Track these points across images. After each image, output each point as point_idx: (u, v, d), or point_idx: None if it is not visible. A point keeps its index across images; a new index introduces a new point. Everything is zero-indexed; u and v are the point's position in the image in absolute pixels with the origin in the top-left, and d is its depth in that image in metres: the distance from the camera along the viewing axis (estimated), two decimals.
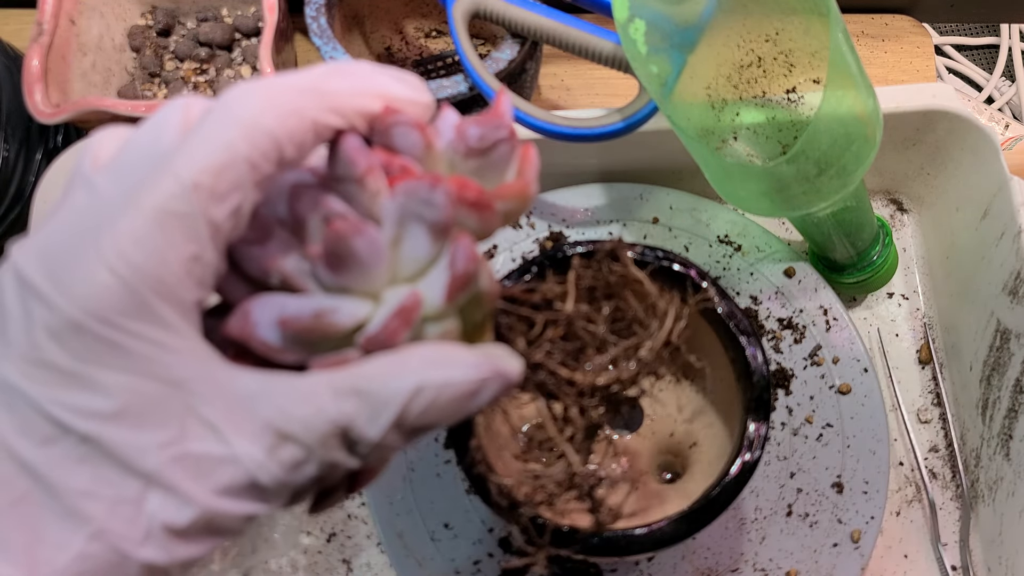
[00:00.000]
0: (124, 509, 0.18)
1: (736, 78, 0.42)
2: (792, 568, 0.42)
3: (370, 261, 0.20)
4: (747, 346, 0.35)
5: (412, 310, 0.20)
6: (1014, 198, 0.43)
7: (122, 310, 0.17)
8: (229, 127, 0.18)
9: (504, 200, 0.22)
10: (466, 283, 0.20)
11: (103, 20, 0.48)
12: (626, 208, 0.47)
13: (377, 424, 0.19)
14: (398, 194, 0.21)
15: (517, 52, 0.43)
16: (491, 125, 0.22)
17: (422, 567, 0.42)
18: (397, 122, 0.21)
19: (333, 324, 0.20)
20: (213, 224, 0.18)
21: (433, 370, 0.19)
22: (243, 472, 0.18)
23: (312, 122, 0.19)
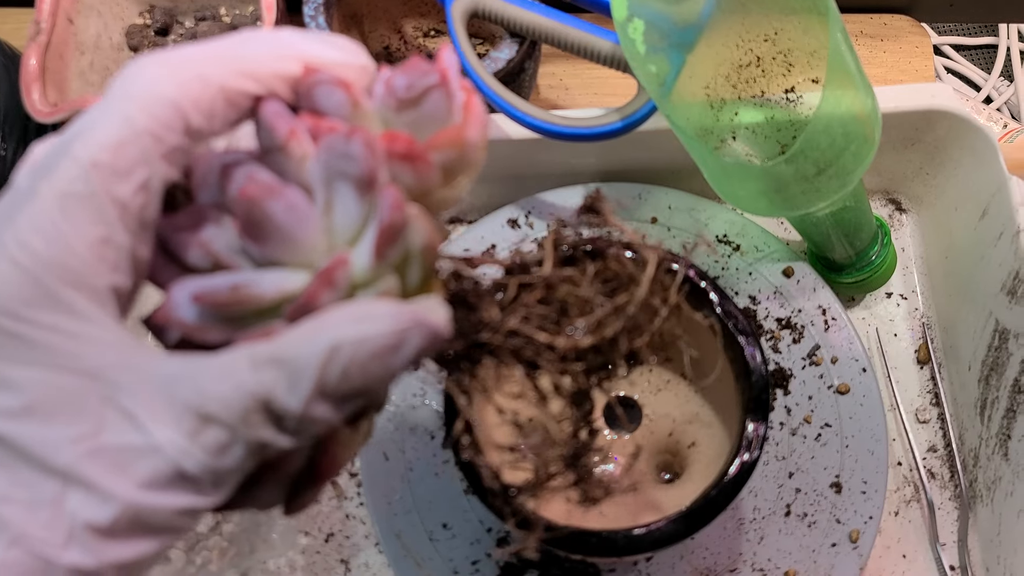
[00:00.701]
0: (42, 511, 0.17)
1: (735, 78, 0.42)
2: (790, 568, 0.42)
3: (293, 228, 0.19)
4: (746, 346, 0.35)
5: (333, 270, 0.19)
6: (1012, 198, 0.43)
7: (27, 301, 0.16)
8: (125, 101, 0.18)
9: (439, 150, 0.21)
10: (393, 236, 0.19)
11: (101, 19, 0.48)
12: (625, 208, 0.47)
13: (298, 393, 0.17)
14: (320, 153, 0.19)
15: (516, 51, 0.42)
16: (418, 72, 0.20)
17: (420, 567, 0.41)
18: (318, 81, 0.20)
19: (251, 296, 0.19)
20: (119, 203, 0.17)
21: (348, 327, 0.18)
22: (166, 462, 0.17)
23: (220, 88, 0.19)
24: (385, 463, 0.43)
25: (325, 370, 0.17)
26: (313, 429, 0.18)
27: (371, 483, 0.43)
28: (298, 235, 0.19)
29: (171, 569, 0.38)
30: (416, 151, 0.20)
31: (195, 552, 0.39)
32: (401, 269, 0.20)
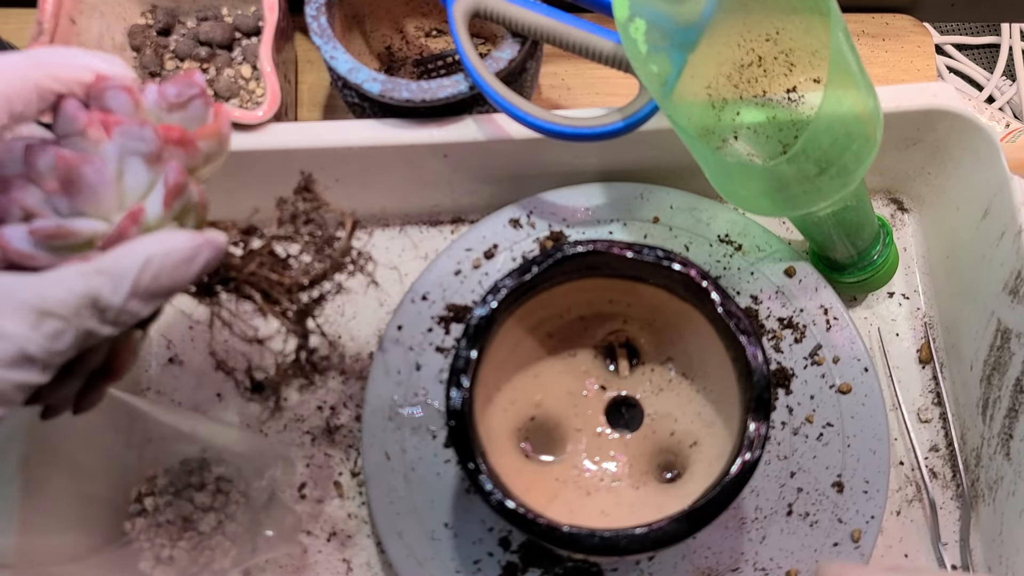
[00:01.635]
0: None
1: (736, 77, 0.42)
2: (792, 568, 0.42)
3: (98, 186, 0.26)
4: (748, 346, 0.35)
5: (138, 213, 0.26)
6: (1014, 197, 0.43)
7: None
8: None
9: (204, 139, 0.29)
10: (178, 193, 0.27)
11: (103, 19, 0.48)
12: (626, 207, 0.47)
13: (120, 292, 0.24)
14: (115, 136, 0.26)
15: (517, 51, 0.42)
16: (185, 84, 0.29)
17: (422, 566, 0.42)
18: (109, 86, 0.27)
19: (72, 231, 0.25)
20: None
21: (157, 245, 0.25)
22: (14, 346, 0.23)
23: (35, 85, 0.25)
24: (387, 463, 0.43)
25: (140, 275, 0.25)
26: (127, 320, 0.25)
27: (373, 483, 0.43)
28: (100, 192, 0.26)
29: (174, 568, 0.38)
30: (188, 138, 0.28)
31: (198, 551, 0.39)
32: (181, 219, 0.28)
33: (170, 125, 0.28)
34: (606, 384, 0.44)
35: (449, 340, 0.45)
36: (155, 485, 0.40)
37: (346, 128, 0.43)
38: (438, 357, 0.45)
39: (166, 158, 0.27)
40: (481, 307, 0.36)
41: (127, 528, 0.40)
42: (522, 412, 0.42)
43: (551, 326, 0.42)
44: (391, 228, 0.51)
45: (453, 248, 0.46)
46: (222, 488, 0.40)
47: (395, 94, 0.42)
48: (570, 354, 0.44)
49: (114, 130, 0.26)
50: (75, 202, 0.26)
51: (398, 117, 0.44)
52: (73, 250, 0.26)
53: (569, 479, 0.41)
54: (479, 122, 0.44)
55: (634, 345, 0.44)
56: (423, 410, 0.44)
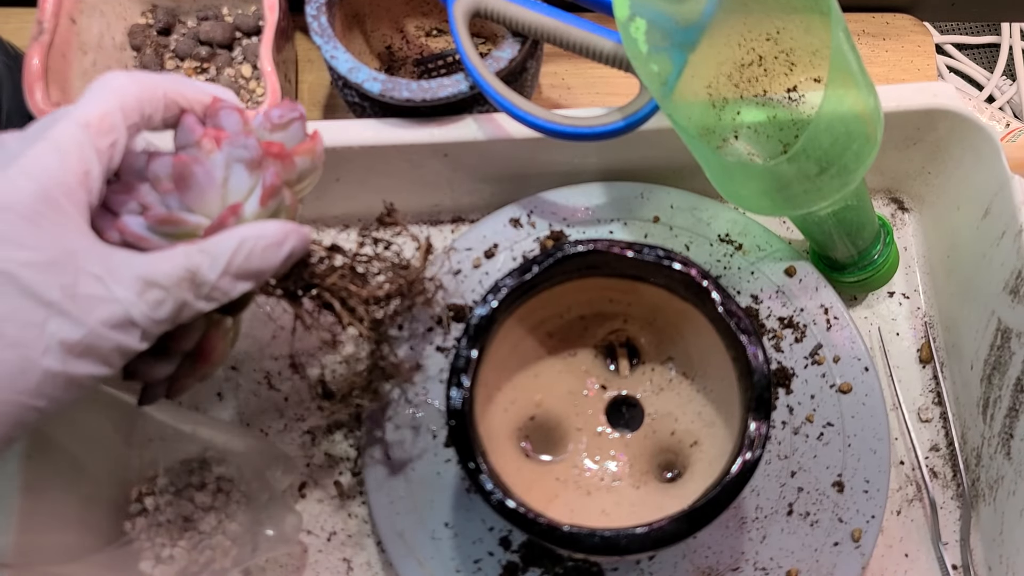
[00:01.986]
0: (31, 329, 0.25)
1: (737, 77, 0.42)
2: (793, 567, 0.42)
3: (205, 185, 0.30)
4: (748, 345, 0.35)
5: (237, 207, 0.30)
6: (1015, 197, 0.43)
7: (38, 201, 0.25)
8: (108, 91, 0.28)
9: (299, 155, 0.33)
10: (274, 193, 0.31)
11: (103, 19, 0.48)
12: (627, 207, 0.47)
13: (215, 268, 0.28)
14: (224, 146, 0.31)
15: (518, 51, 0.42)
16: (288, 108, 0.33)
17: (422, 566, 0.42)
18: (223, 107, 0.32)
19: (181, 220, 0.30)
20: (99, 150, 0.27)
21: (252, 230, 0.29)
22: (121, 309, 0.26)
23: (163, 96, 0.30)
24: (387, 462, 0.43)
25: (235, 254, 0.28)
26: (219, 297, 0.28)
27: (373, 482, 0.43)
28: (207, 191, 0.30)
29: (175, 568, 0.38)
30: (285, 152, 0.32)
31: (198, 551, 0.39)
32: (275, 217, 0.32)
33: (272, 141, 0.32)
34: (606, 384, 0.44)
35: (449, 340, 0.45)
36: (155, 485, 0.40)
37: (346, 128, 0.43)
38: (438, 357, 0.45)
39: (265, 166, 0.31)
40: (481, 306, 0.36)
41: (127, 528, 0.40)
42: (522, 412, 0.42)
43: (551, 325, 0.42)
44: (391, 227, 0.51)
45: (453, 247, 0.46)
46: (222, 488, 0.40)
47: (395, 94, 0.42)
48: (570, 354, 0.44)
49: (224, 142, 0.31)
50: (185, 198, 0.30)
51: (398, 117, 0.44)
52: (179, 237, 0.30)
53: (569, 479, 0.41)
54: (479, 121, 0.44)
55: (634, 345, 0.44)
56: (423, 410, 0.44)
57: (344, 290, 0.34)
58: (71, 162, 0.26)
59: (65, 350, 0.25)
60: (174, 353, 0.32)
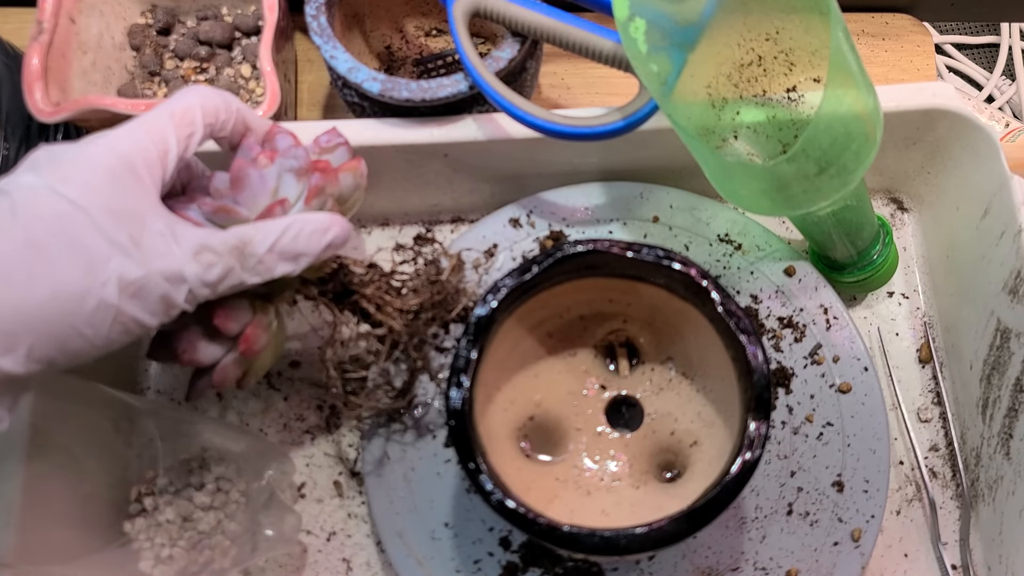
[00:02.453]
0: (99, 262, 0.28)
1: (736, 77, 0.42)
2: (793, 567, 0.42)
3: (258, 187, 0.34)
4: (748, 345, 0.35)
5: (285, 201, 0.34)
6: (1014, 197, 0.43)
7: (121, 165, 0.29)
8: (194, 94, 0.33)
9: (344, 171, 0.37)
10: (318, 193, 0.35)
11: (103, 19, 0.48)
12: (626, 207, 0.47)
13: (264, 243, 0.32)
14: (277, 159, 0.35)
15: (517, 51, 0.42)
16: (335, 134, 0.38)
17: (422, 566, 0.42)
18: (279, 131, 0.37)
19: (235, 210, 0.33)
20: (178, 137, 0.32)
21: (299, 216, 0.33)
22: (176, 263, 0.30)
23: (236, 110, 0.35)
24: (387, 463, 0.43)
25: (283, 234, 0.32)
26: (263, 272, 0.32)
27: (373, 482, 0.43)
28: (259, 193, 0.34)
29: (174, 567, 0.38)
30: (331, 169, 0.36)
31: (197, 551, 0.39)
32: None
33: (319, 159, 0.37)
34: (606, 384, 0.44)
35: (449, 340, 0.45)
36: (155, 485, 0.40)
37: (346, 128, 0.43)
38: (438, 357, 0.45)
39: (312, 175, 0.35)
40: (481, 306, 0.36)
41: (127, 528, 0.40)
42: (522, 412, 0.42)
43: (551, 325, 0.42)
44: (391, 227, 0.51)
45: (453, 247, 0.46)
46: (222, 487, 0.40)
47: (395, 93, 0.42)
48: (570, 354, 0.44)
49: (277, 155, 0.35)
50: (239, 198, 0.34)
51: (398, 117, 0.44)
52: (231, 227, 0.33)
53: (569, 479, 0.41)
54: (479, 121, 0.44)
55: (634, 345, 0.44)
56: (423, 410, 0.44)
57: (380, 299, 0.38)
58: (155, 140, 0.31)
59: (121, 287, 0.28)
60: (221, 337, 0.35)
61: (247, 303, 0.35)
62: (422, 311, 0.39)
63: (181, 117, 0.32)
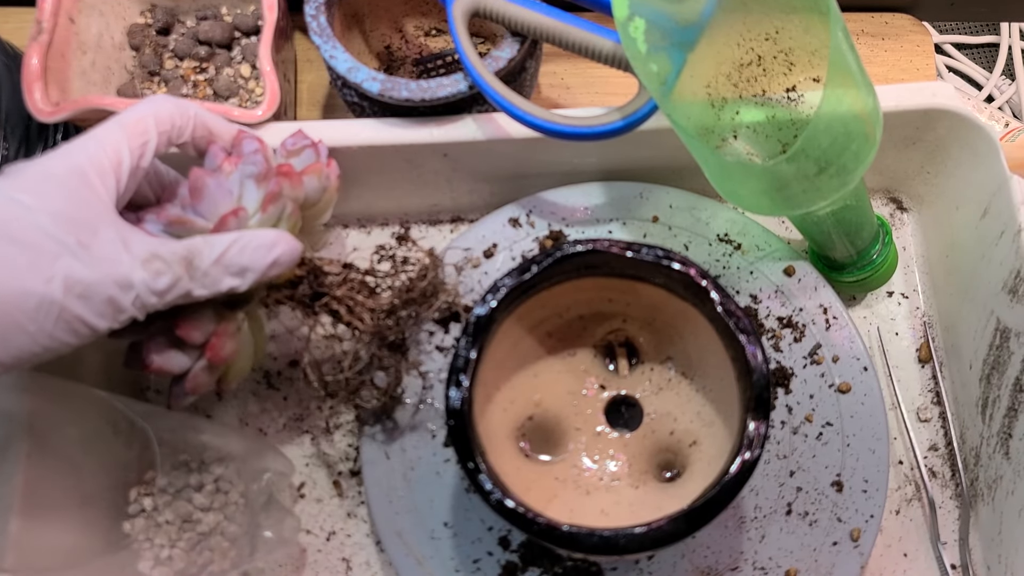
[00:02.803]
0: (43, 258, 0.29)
1: (736, 77, 0.42)
2: (792, 567, 0.42)
3: (216, 195, 0.34)
4: (747, 345, 0.35)
5: (240, 210, 0.34)
6: (1014, 197, 0.43)
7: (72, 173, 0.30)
8: (146, 103, 0.34)
9: (308, 175, 0.38)
10: (274, 199, 0.35)
11: (102, 18, 0.48)
12: (626, 207, 0.47)
13: (211, 255, 0.32)
14: (239, 166, 0.35)
15: (517, 51, 0.42)
16: (300, 137, 0.39)
17: (422, 566, 0.42)
18: (245, 137, 0.37)
19: (191, 221, 0.34)
20: (131, 148, 0.32)
21: (247, 233, 0.34)
22: (124, 269, 0.30)
23: (194, 115, 0.35)
24: (386, 462, 0.43)
25: (229, 247, 0.33)
26: (211, 284, 0.33)
27: (372, 482, 0.43)
28: (218, 201, 0.35)
29: (173, 568, 0.38)
30: (293, 172, 0.37)
31: (197, 552, 0.39)
32: (275, 224, 0.36)
33: (283, 163, 0.38)
34: (605, 383, 0.44)
35: (449, 339, 0.45)
36: (154, 486, 0.40)
37: (346, 127, 0.43)
38: (438, 356, 0.45)
39: (272, 181, 0.36)
40: (481, 306, 0.36)
41: (127, 528, 0.40)
42: (521, 411, 0.42)
43: (550, 325, 0.42)
44: (391, 227, 0.51)
45: (452, 247, 0.46)
46: (221, 488, 0.40)
47: (394, 93, 0.42)
48: (569, 353, 0.44)
49: (239, 162, 0.36)
50: (199, 207, 0.35)
51: (397, 116, 0.44)
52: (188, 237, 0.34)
53: (569, 478, 0.41)
54: (479, 121, 0.44)
55: (633, 344, 0.44)
56: (423, 409, 0.44)
57: (351, 299, 0.38)
58: (106, 150, 0.31)
59: (67, 286, 0.29)
60: (186, 346, 0.35)
61: (211, 312, 0.35)
62: (395, 310, 0.39)
63: (133, 127, 0.33)
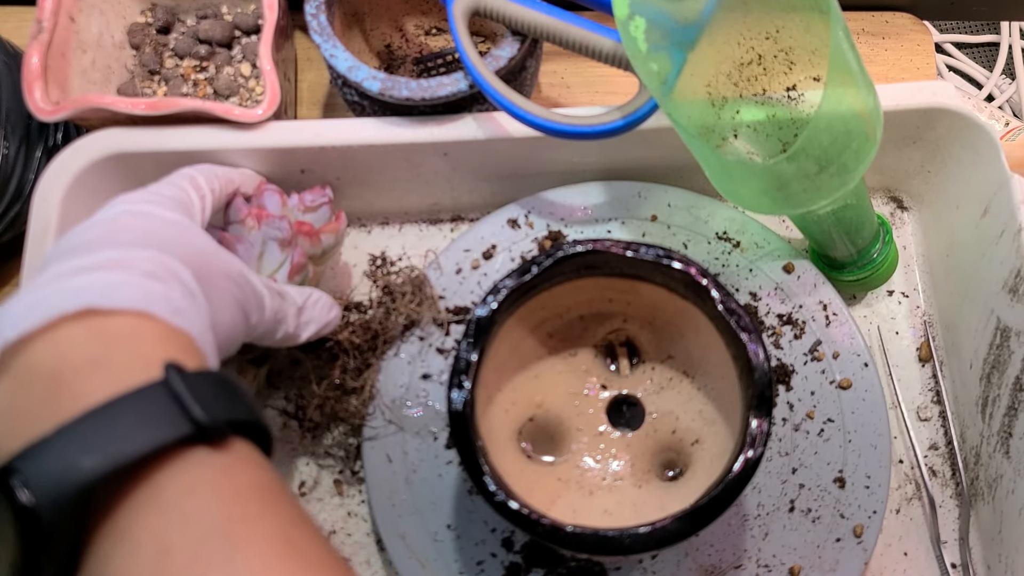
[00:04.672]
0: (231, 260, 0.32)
1: (736, 76, 0.42)
2: (795, 564, 0.42)
3: (244, 260, 0.37)
4: (748, 343, 0.35)
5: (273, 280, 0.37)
6: (1014, 196, 0.43)
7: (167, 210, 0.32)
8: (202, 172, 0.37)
9: (325, 233, 0.41)
10: (299, 270, 0.39)
11: (103, 17, 0.48)
12: (624, 206, 0.47)
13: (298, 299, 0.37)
14: (263, 226, 0.38)
15: (517, 50, 0.42)
16: (318, 194, 0.42)
17: (425, 568, 0.41)
18: (266, 189, 0.41)
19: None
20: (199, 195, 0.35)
21: (315, 290, 0.39)
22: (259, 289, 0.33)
23: (230, 181, 0.39)
24: (388, 465, 0.43)
25: (308, 299, 0.37)
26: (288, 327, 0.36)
27: (374, 485, 0.43)
28: (245, 262, 0.37)
29: None
30: (313, 232, 0.40)
31: None
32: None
33: (303, 221, 0.40)
34: (607, 383, 0.44)
35: (449, 341, 0.45)
36: None
37: (346, 126, 0.43)
38: (439, 359, 0.45)
39: (295, 244, 0.39)
40: (481, 308, 0.36)
41: None
42: (523, 412, 0.42)
43: (551, 326, 0.42)
44: (391, 226, 0.51)
45: (452, 249, 0.46)
46: None
47: (395, 92, 0.42)
48: (571, 354, 0.44)
49: (263, 221, 0.38)
50: None
51: (398, 115, 0.44)
52: None
53: (571, 479, 0.41)
54: (479, 120, 0.44)
55: (634, 344, 0.44)
56: (424, 412, 0.44)
57: (350, 342, 0.43)
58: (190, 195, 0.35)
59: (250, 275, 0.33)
60: None
61: (235, 364, 0.39)
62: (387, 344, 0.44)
63: (196, 184, 0.36)
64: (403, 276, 0.45)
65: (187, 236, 0.31)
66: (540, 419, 0.42)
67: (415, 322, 0.44)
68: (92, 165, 0.42)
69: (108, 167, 0.43)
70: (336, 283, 0.48)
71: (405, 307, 0.44)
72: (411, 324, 0.44)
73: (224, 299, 0.31)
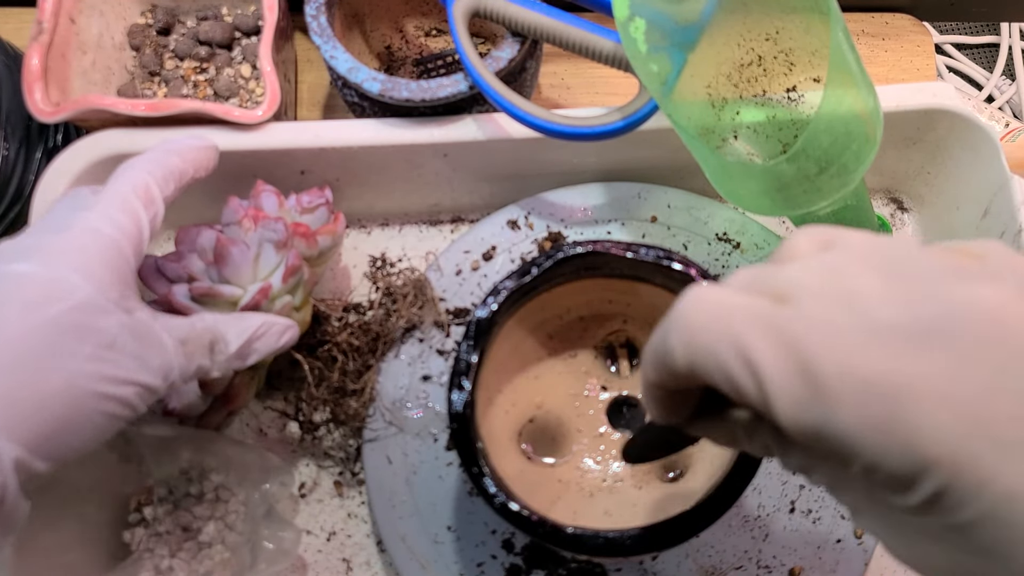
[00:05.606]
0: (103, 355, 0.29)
1: (736, 77, 0.42)
2: (796, 565, 0.42)
3: (240, 263, 0.37)
4: None
5: (268, 289, 0.37)
6: (1014, 197, 0.43)
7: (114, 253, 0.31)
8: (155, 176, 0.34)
9: (322, 234, 0.40)
10: (294, 272, 0.38)
11: (103, 19, 0.48)
12: (624, 207, 0.47)
13: (236, 343, 0.35)
14: (258, 227, 0.38)
15: (517, 51, 0.42)
16: (315, 195, 0.41)
17: (426, 570, 0.41)
18: (264, 190, 0.40)
19: (219, 293, 0.37)
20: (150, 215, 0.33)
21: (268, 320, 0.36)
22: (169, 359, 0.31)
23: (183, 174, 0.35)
24: (389, 467, 0.43)
25: (251, 339, 0.35)
26: (225, 368, 0.35)
27: (375, 487, 0.43)
28: (241, 267, 0.37)
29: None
30: (310, 233, 0.40)
31: (197, 561, 0.38)
32: (293, 291, 0.39)
33: (299, 222, 0.40)
34: (607, 384, 0.44)
35: (449, 343, 0.45)
36: (153, 495, 0.39)
37: (346, 127, 0.43)
38: (439, 360, 0.45)
39: (291, 246, 0.38)
40: (481, 309, 0.36)
41: (127, 538, 0.40)
42: (523, 414, 0.42)
43: (551, 327, 0.42)
44: (391, 228, 0.51)
45: (451, 250, 0.46)
46: (221, 496, 0.40)
47: (395, 93, 0.42)
48: (571, 355, 0.44)
49: (259, 223, 0.38)
50: (223, 272, 0.37)
51: (398, 116, 0.44)
52: (217, 307, 0.37)
53: (572, 480, 0.41)
54: (479, 121, 0.44)
55: (634, 345, 0.44)
56: (424, 413, 0.44)
57: (348, 343, 0.43)
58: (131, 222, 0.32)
59: (109, 379, 0.29)
60: (206, 396, 0.39)
61: None
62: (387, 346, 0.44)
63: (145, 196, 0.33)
64: (403, 278, 0.44)
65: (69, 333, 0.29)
66: (540, 420, 0.42)
67: (415, 324, 0.44)
68: (92, 166, 0.42)
69: (108, 168, 0.42)
70: (336, 284, 0.48)
71: (406, 309, 0.43)
72: (411, 326, 0.44)
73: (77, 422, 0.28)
